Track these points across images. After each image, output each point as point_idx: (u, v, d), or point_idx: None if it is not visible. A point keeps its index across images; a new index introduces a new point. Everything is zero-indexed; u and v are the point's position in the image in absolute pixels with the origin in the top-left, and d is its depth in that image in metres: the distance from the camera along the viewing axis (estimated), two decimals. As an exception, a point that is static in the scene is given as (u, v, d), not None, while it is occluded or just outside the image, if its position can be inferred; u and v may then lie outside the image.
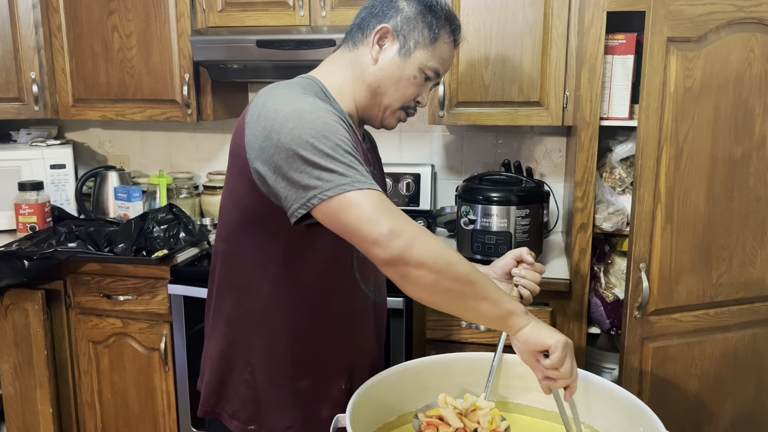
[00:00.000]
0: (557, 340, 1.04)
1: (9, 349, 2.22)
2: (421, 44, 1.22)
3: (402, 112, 1.28)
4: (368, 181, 1.03)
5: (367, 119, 1.29)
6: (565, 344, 1.05)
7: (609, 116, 1.88)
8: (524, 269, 1.29)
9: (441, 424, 1.10)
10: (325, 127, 1.05)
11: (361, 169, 1.05)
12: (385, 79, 1.23)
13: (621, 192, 1.97)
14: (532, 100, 2.10)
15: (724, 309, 1.72)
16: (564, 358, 1.05)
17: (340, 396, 1.28)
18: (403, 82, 1.23)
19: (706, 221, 1.65)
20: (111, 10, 2.35)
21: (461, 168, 2.57)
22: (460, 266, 1.02)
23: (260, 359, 1.25)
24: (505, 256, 1.33)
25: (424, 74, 1.24)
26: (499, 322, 1.07)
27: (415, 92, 1.25)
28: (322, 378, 1.27)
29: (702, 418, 1.77)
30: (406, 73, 1.23)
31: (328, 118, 1.08)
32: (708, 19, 1.55)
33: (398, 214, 1.03)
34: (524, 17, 2.05)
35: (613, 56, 1.85)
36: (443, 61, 1.26)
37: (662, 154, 1.60)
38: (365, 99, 1.25)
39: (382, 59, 1.23)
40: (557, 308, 1.95)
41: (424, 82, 1.26)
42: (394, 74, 1.23)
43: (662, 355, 1.72)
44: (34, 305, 2.17)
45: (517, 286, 1.27)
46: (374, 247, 1.00)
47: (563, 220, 2.40)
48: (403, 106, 1.27)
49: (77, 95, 2.46)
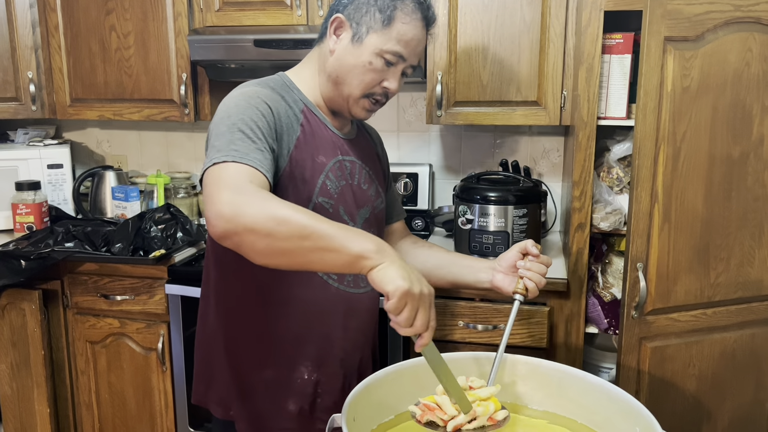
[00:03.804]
0: (396, 288, 0.93)
1: (6, 349, 2.22)
2: (374, 29, 1.22)
3: (366, 101, 1.27)
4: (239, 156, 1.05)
5: (336, 110, 1.31)
6: (404, 293, 0.93)
7: (606, 116, 1.88)
8: (530, 261, 1.29)
9: (437, 408, 1.08)
10: (235, 109, 1.13)
11: (247, 147, 1.07)
12: (342, 69, 1.25)
13: (619, 191, 1.97)
14: (530, 99, 2.09)
15: (722, 309, 1.72)
16: (401, 306, 0.94)
17: (306, 387, 1.29)
18: (359, 70, 1.23)
19: (704, 221, 1.65)
20: (108, 10, 2.35)
21: (459, 167, 2.57)
22: (292, 223, 0.97)
23: (230, 348, 1.31)
24: (510, 249, 1.33)
25: (382, 59, 1.23)
26: (351, 268, 0.98)
27: (376, 78, 1.24)
28: (284, 368, 1.28)
29: (700, 418, 1.77)
30: (361, 60, 1.22)
31: (245, 102, 1.14)
32: (705, 18, 1.55)
33: (240, 187, 1.01)
34: (522, 17, 2.05)
35: (610, 56, 1.85)
36: (405, 42, 1.23)
37: (659, 154, 1.59)
38: (329, 90, 1.28)
39: (338, 49, 1.25)
40: (555, 308, 1.94)
41: (385, 67, 1.24)
42: (349, 62, 1.24)
43: (660, 355, 1.71)
44: (32, 305, 2.17)
45: (522, 278, 1.27)
46: (209, 224, 1.01)
47: (561, 220, 2.40)
48: (368, 94, 1.26)
49: (75, 95, 2.45)
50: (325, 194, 1.26)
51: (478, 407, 1.09)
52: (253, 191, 1.01)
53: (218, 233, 1.00)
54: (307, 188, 1.23)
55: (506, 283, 1.32)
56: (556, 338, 1.97)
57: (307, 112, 1.28)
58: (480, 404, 1.10)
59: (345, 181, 1.31)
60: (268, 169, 1.10)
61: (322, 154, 1.27)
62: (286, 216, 0.97)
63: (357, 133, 1.42)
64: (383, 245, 0.99)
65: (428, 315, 0.98)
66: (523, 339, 1.93)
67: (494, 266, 1.35)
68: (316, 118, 1.29)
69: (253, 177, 1.05)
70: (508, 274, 1.32)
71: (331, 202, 1.27)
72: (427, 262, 1.45)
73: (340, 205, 1.29)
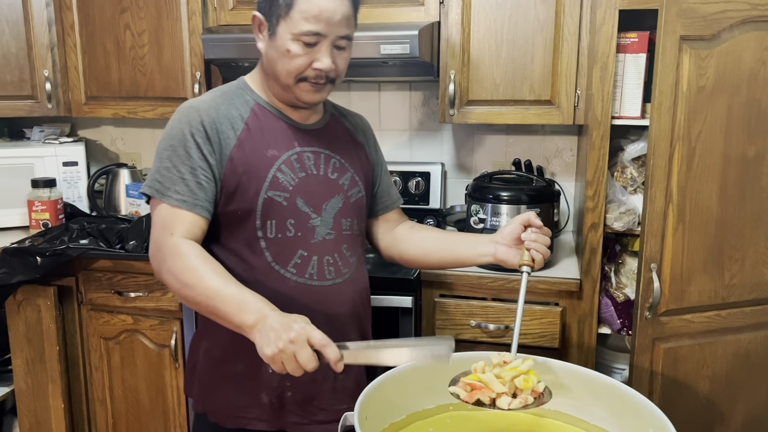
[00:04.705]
0: (265, 357, 1.05)
1: (21, 344, 2.24)
2: (281, 16, 1.22)
3: (305, 84, 1.26)
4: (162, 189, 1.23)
5: (288, 102, 1.33)
6: (273, 358, 1.04)
7: (621, 115, 1.87)
8: (534, 233, 1.28)
9: (484, 387, 1.07)
10: (168, 131, 1.26)
11: (171, 179, 1.22)
12: (270, 64, 1.28)
13: (632, 191, 1.96)
14: (544, 98, 2.09)
15: (736, 310, 1.71)
16: (281, 366, 1.04)
17: (273, 380, 1.31)
18: (282, 60, 1.24)
19: (719, 221, 1.64)
20: (123, 9, 2.36)
21: (471, 167, 2.56)
22: (191, 292, 1.15)
23: (208, 343, 1.36)
24: (511, 222, 1.32)
25: (299, 42, 1.22)
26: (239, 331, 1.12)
27: (303, 63, 1.23)
28: (253, 361, 1.26)
29: (713, 419, 1.76)
30: (281, 50, 1.24)
31: (177, 123, 1.25)
32: (721, 17, 1.53)
33: (160, 245, 1.20)
34: (536, 15, 2.05)
35: (625, 55, 1.84)
36: (314, 18, 1.21)
37: (674, 154, 1.58)
38: (273, 86, 1.32)
39: (264, 47, 1.29)
40: (567, 308, 1.94)
41: (307, 49, 1.23)
42: (273, 57, 1.26)
43: (673, 356, 1.70)
44: (47, 301, 2.19)
45: (529, 250, 1.26)
46: (150, 258, 1.24)
47: (574, 220, 2.39)
48: (302, 78, 1.25)
49: (90, 93, 2.47)
50: (277, 188, 1.28)
51: (523, 381, 1.08)
52: (168, 252, 1.19)
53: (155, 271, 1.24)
54: (255, 184, 1.26)
55: (510, 255, 1.31)
56: (569, 338, 1.96)
57: (257, 110, 1.32)
58: (525, 378, 1.08)
59: (305, 173, 1.32)
60: (188, 195, 1.22)
61: (273, 147, 1.29)
62: (187, 285, 1.15)
63: (328, 122, 1.42)
64: (261, 318, 1.07)
65: (306, 351, 1.03)
66: (535, 339, 1.93)
67: (496, 239, 1.33)
68: (269, 113, 1.32)
69: (175, 220, 1.21)
70: (512, 247, 1.31)
71: (285, 195, 1.28)
72: (426, 245, 1.46)
73: (298, 197, 1.30)
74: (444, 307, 1.97)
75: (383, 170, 1.55)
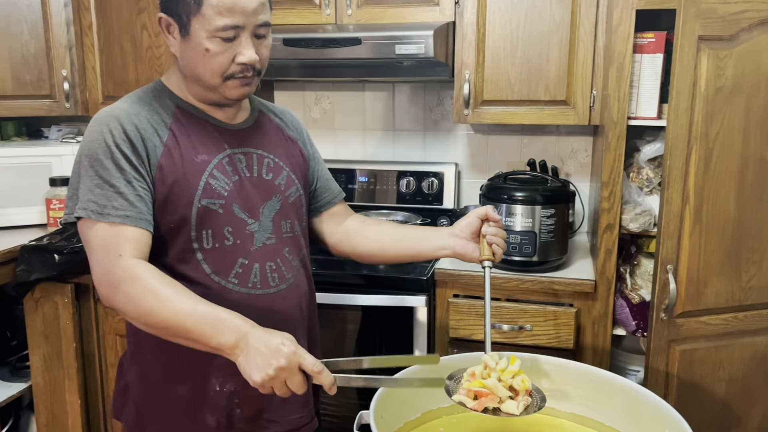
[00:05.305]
0: (254, 383, 1.01)
1: (39, 341, 2.27)
2: (192, 13, 1.12)
3: (232, 81, 1.18)
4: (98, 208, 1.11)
5: (214, 102, 1.24)
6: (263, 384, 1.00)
7: (637, 116, 1.86)
8: (492, 227, 1.26)
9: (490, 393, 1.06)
10: (88, 146, 1.15)
11: (105, 196, 1.11)
12: (190, 65, 1.18)
13: (648, 192, 1.95)
14: (559, 99, 2.08)
15: (753, 312, 1.70)
16: (270, 390, 1.02)
17: (220, 399, 1.23)
18: (202, 60, 1.15)
19: (736, 223, 1.63)
20: (140, 9, 2.38)
21: (486, 167, 2.56)
22: (156, 318, 1.05)
23: (141, 366, 1.27)
24: (468, 216, 1.29)
25: (217, 39, 1.13)
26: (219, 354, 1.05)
27: (225, 60, 1.15)
28: (196, 382, 1.23)
29: (729, 422, 1.75)
30: (198, 50, 1.14)
31: (98, 136, 1.14)
32: (740, 17, 1.52)
33: (108, 270, 1.09)
34: (551, 15, 2.04)
35: (641, 55, 1.83)
36: (227, 10, 1.11)
37: (692, 155, 1.57)
38: (194, 88, 1.22)
39: (177, 49, 1.19)
40: (582, 309, 1.93)
41: (226, 44, 1.14)
42: (191, 57, 1.17)
43: (689, 358, 1.69)
44: (64, 298, 2.21)
45: (491, 245, 1.25)
46: (97, 286, 1.11)
47: (589, 221, 2.38)
48: (228, 75, 1.17)
49: (107, 92, 2.50)
50: (211, 195, 1.19)
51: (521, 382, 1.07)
52: (121, 277, 1.07)
53: (103, 299, 1.11)
54: (187, 193, 1.17)
55: (469, 249, 1.28)
56: (583, 340, 1.95)
57: (179, 114, 1.22)
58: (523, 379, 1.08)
59: (238, 176, 1.23)
60: (129, 209, 1.12)
61: (203, 152, 1.20)
62: (150, 310, 1.05)
63: (256, 120, 1.33)
64: (242, 338, 1.02)
65: (297, 377, 1.01)
66: (549, 340, 1.92)
67: (455, 233, 1.30)
68: (192, 116, 1.23)
69: (119, 239, 1.10)
70: (470, 241, 1.29)
71: (221, 202, 1.20)
72: (381, 240, 1.40)
73: (234, 203, 1.21)
74: (457, 308, 1.97)
75: (320, 164, 1.47)
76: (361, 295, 1.99)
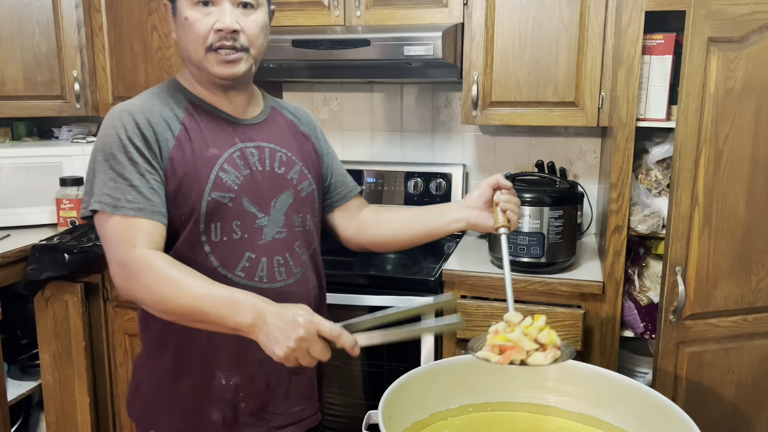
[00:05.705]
0: (278, 357, 1.02)
1: (49, 339, 2.29)
2: None
3: (213, 55, 1.20)
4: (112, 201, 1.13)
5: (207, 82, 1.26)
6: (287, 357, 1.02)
7: (646, 117, 1.86)
8: (504, 194, 1.26)
9: (516, 347, 1.06)
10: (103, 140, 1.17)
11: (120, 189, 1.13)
12: (182, 44, 1.24)
13: (657, 194, 1.94)
14: (567, 100, 2.08)
15: (763, 315, 1.69)
16: (294, 362, 1.03)
17: (225, 393, 1.25)
18: (186, 33, 1.20)
19: (746, 225, 1.62)
20: (150, 10, 2.40)
21: (494, 168, 2.56)
22: (173, 303, 1.08)
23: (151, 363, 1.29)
24: (479, 186, 1.30)
25: (197, 6, 1.19)
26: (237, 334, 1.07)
27: (203, 27, 1.18)
28: (201, 376, 1.24)
29: (738, 425, 1.74)
30: (182, 22, 1.20)
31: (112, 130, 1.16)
32: (750, 19, 1.52)
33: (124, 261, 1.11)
34: (560, 17, 2.04)
35: (650, 56, 1.82)
36: None
37: (701, 157, 1.57)
38: (192, 72, 1.26)
39: (174, 31, 1.25)
40: (590, 311, 1.93)
41: (205, 10, 1.18)
42: (181, 35, 1.23)
43: (698, 361, 1.69)
44: (74, 297, 2.23)
45: (505, 211, 1.24)
46: (113, 277, 1.13)
47: (597, 222, 2.38)
48: (207, 47, 1.19)
49: (117, 93, 2.51)
50: (221, 188, 1.21)
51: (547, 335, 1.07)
52: (136, 267, 1.10)
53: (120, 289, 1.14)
54: (197, 186, 1.19)
55: (483, 218, 1.29)
56: (591, 341, 1.95)
57: (191, 108, 1.25)
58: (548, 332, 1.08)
59: (250, 170, 1.25)
60: (143, 202, 1.14)
61: (213, 146, 1.22)
62: (167, 296, 1.08)
63: (270, 115, 1.36)
64: (259, 315, 1.04)
65: (318, 344, 1.02)
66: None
67: (467, 204, 1.31)
68: (204, 111, 1.26)
69: (132, 231, 1.12)
70: (483, 210, 1.29)
71: (231, 196, 1.21)
72: (393, 224, 1.41)
73: (244, 196, 1.23)
74: (465, 308, 1.98)
75: (334, 160, 1.48)
76: (368, 295, 2.00)
